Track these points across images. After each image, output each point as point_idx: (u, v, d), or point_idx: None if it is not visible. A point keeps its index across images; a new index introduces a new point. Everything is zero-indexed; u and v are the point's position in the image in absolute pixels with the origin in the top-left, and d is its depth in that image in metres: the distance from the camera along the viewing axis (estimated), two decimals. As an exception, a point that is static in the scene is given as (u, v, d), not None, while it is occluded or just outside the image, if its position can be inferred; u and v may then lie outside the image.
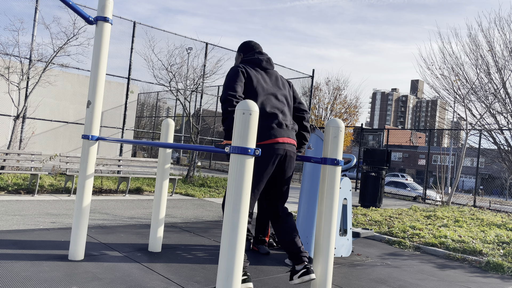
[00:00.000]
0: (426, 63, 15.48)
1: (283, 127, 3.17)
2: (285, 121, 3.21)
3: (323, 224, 2.94)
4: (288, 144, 3.16)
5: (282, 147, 3.12)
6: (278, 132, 3.11)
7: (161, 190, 4.39)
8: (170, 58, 12.43)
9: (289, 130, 3.22)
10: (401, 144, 60.65)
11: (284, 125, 3.17)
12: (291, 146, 3.21)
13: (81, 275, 3.38)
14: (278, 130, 3.12)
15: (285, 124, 3.19)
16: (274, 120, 3.13)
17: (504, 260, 5.20)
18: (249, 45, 3.49)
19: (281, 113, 3.22)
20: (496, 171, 39.56)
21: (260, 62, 3.34)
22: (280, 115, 3.19)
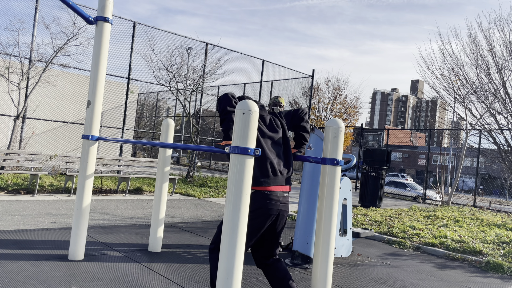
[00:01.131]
0: (426, 63, 15.50)
1: (278, 174, 3.10)
2: (280, 168, 3.14)
3: (323, 224, 2.94)
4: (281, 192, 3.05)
5: (276, 207, 3.00)
6: (272, 180, 3.04)
7: (161, 190, 4.39)
8: (170, 58, 12.44)
9: (283, 177, 3.15)
10: (401, 144, 60.66)
11: (278, 172, 3.11)
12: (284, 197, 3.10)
13: (81, 275, 3.38)
14: (272, 178, 3.05)
15: (279, 170, 3.12)
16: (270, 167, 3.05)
17: (504, 260, 5.20)
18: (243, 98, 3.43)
19: (277, 157, 3.15)
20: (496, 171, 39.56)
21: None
22: (275, 161, 3.11)
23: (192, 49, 14.80)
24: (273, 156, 3.14)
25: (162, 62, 12.40)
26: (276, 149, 3.21)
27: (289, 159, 3.25)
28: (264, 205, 2.96)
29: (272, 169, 3.09)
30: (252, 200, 2.93)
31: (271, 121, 3.30)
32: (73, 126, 17.21)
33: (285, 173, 3.21)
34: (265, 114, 3.36)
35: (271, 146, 3.18)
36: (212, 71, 13.31)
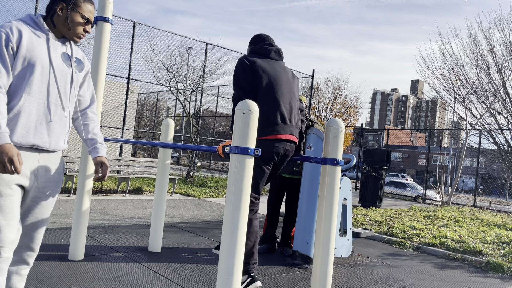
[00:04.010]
0: (426, 63, 15.50)
1: (287, 122, 3.14)
2: (290, 116, 3.18)
3: (323, 224, 2.94)
4: (289, 142, 3.14)
5: (283, 146, 3.09)
6: (281, 128, 3.08)
7: (161, 190, 4.39)
8: (170, 58, 12.44)
9: (292, 127, 3.19)
10: (401, 144, 60.67)
11: (287, 120, 3.14)
12: (292, 144, 3.19)
13: (81, 275, 3.38)
14: (282, 125, 3.09)
15: (288, 119, 3.16)
16: (278, 114, 3.10)
17: (504, 260, 5.20)
18: (260, 37, 3.45)
19: (288, 105, 3.18)
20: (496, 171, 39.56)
21: (268, 53, 3.28)
22: (286, 109, 3.15)
23: (192, 49, 14.81)
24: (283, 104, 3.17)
25: (162, 62, 12.41)
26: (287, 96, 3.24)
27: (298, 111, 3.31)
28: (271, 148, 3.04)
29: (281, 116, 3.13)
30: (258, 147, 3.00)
31: (285, 70, 3.35)
32: (73, 126, 17.18)
33: (294, 122, 3.24)
34: (280, 59, 3.38)
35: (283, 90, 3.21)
36: (212, 71, 13.31)
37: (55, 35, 2.12)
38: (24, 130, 1.95)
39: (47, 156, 2.10)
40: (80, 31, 2.14)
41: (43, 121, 2.02)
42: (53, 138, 2.07)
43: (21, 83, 1.96)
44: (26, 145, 1.98)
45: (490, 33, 13.74)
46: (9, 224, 1.93)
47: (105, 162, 2.22)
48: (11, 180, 1.95)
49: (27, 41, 1.97)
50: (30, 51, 1.97)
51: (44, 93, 2.02)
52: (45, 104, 2.03)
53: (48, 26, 2.10)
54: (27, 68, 1.97)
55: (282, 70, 3.28)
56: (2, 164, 1.79)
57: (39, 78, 2.00)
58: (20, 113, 1.94)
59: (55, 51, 2.09)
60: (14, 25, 1.97)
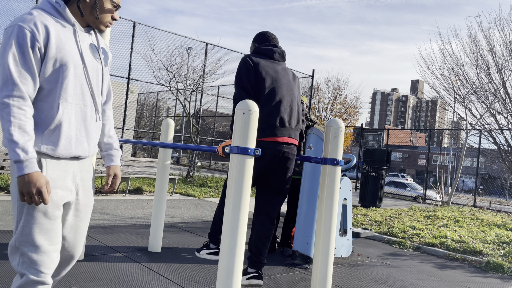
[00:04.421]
0: (426, 63, 15.51)
1: (285, 125, 3.13)
2: (290, 119, 3.17)
3: (323, 224, 2.94)
4: (287, 144, 3.13)
5: (280, 148, 3.08)
6: (279, 131, 3.09)
7: (161, 190, 4.39)
8: (170, 58, 12.44)
9: (291, 129, 3.18)
10: (401, 144, 60.66)
11: (287, 123, 3.14)
12: (291, 147, 3.17)
13: (81, 275, 3.38)
14: (280, 129, 3.09)
15: (288, 122, 3.15)
16: (278, 118, 3.09)
17: (504, 260, 5.20)
18: (265, 36, 3.44)
19: (289, 108, 3.18)
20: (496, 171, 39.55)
21: (272, 54, 3.29)
22: (286, 112, 3.15)
23: (192, 49, 14.80)
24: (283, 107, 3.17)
25: (162, 62, 12.41)
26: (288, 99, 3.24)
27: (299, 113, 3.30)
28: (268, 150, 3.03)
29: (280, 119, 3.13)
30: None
31: (287, 72, 3.35)
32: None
33: (293, 125, 3.24)
34: (283, 62, 3.39)
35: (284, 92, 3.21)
36: (212, 71, 13.31)
37: (80, 25, 1.82)
38: (66, 142, 1.74)
39: (83, 163, 1.89)
40: (108, 19, 1.87)
41: (82, 128, 1.80)
42: (92, 145, 1.86)
43: (54, 89, 1.70)
44: (68, 157, 1.77)
45: (490, 33, 13.75)
46: (55, 249, 1.73)
47: (118, 173, 2.01)
48: (60, 200, 1.74)
49: (55, 38, 1.68)
50: (60, 49, 1.69)
51: (79, 96, 1.78)
52: (82, 108, 1.79)
53: (73, 14, 1.79)
54: (59, 70, 1.70)
55: (284, 72, 3.28)
56: (29, 196, 1.59)
57: (73, 80, 1.74)
58: (61, 123, 1.71)
59: (84, 44, 1.80)
60: (38, 19, 1.65)
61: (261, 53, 3.29)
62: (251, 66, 3.10)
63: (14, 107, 1.58)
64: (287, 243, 4.84)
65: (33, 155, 1.59)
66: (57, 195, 1.72)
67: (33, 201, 1.60)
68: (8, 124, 1.56)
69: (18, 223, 1.68)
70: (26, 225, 1.67)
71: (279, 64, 3.30)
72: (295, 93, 3.30)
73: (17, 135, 1.57)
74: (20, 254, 1.68)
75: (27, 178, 1.58)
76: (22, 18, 1.64)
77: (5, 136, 1.57)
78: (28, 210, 1.67)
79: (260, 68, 3.11)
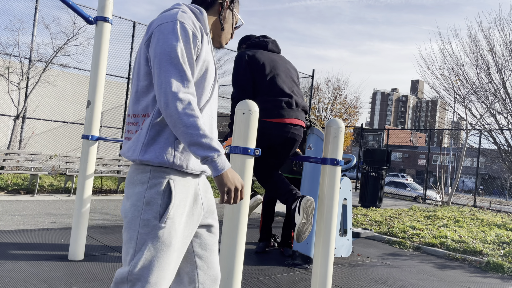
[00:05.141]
0: (426, 63, 15.52)
1: (293, 107, 3.13)
2: (295, 101, 3.17)
3: (323, 224, 2.94)
4: (295, 126, 3.14)
5: (288, 129, 3.08)
6: (286, 112, 3.08)
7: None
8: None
9: (298, 111, 3.18)
10: (401, 144, 60.66)
11: (294, 105, 3.14)
12: (299, 128, 3.17)
13: (81, 275, 3.38)
14: (287, 110, 3.08)
15: (295, 103, 3.15)
16: (284, 99, 3.08)
17: (504, 260, 5.20)
18: (249, 35, 3.50)
19: (291, 92, 3.18)
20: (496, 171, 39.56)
21: (266, 44, 3.29)
22: (290, 94, 3.15)
23: (192, 49, 14.78)
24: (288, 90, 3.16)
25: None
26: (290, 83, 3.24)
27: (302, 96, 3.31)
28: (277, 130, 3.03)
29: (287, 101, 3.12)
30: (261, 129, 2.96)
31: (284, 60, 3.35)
32: (73, 126, 17.21)
33: (300, 107, 3.24)
34: (277, 51, 3.39)
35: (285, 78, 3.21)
36: (212, 71, 13.29)
37: None
38: None
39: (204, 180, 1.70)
40: (229, 36, 1.75)
41: None
42: None
43: (200, 95, 1.56)
44: (196, 173, 1.56)
45: (490, 33, 13.75)
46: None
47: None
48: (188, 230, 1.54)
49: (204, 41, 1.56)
50: (206, 55, 1.56)
51: (210, 106, 1.61)
52: (210, 120, 1.61)
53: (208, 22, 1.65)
54: (203, 76, 1.56)
55: (281, 61, 3.30)
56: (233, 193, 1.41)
57: (209, 88, 1.60)
58: None
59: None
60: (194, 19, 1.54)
61: (254, 46, 3.30)
62: (246, 60, 3.10)
63: (194, 104, 1.42)
64: (287, 243, 4.84)
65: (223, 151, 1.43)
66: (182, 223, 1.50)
67: (235, 198, 1.43)
68: (195, 119, 1.39)
69: (135, 253, 1.43)
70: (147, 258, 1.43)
71: (274, 54, 3.32)
72: (295, 80, 3.31)
73: (207, 131, 1.41)
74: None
75: (230, 174, 1.41)
76: (179, 14, 1.50)
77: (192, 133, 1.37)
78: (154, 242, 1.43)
79: (257, 58, 3.11)
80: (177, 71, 1.42)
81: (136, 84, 1.53)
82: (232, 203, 1.42)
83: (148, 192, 1.44)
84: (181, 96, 1.39)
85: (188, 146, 1.38)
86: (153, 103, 1.49)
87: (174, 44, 1.43)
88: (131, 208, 1.45)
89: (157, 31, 1.46)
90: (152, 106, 1.49)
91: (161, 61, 1.42)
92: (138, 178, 1.46)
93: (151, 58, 1.46)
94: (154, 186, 1.44)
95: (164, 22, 1.47)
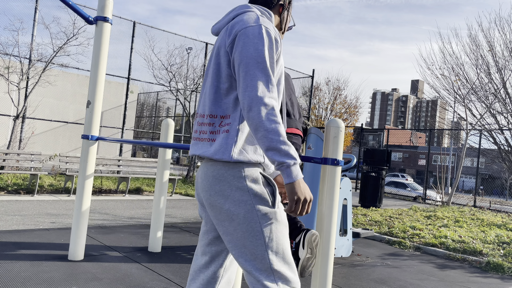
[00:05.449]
0: (426, 63, 15.50)
1: (291, 116, 3.17)
2: (293, 111, 3.21)
3: (323, 224, 2.94)
4: (296, 135, 3.18)
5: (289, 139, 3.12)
6: (286, 122, 3.12)
7: (161, 190, 4.39)
8: (170, 58, 12.44)
9: (296, 121, 3.23)
10: (401, 144, 60.66)
11: (291, 115, 3.18)
12: (298, 138, 3.21)
13: (81, 275, 3.38)
14: (287, 120, 3.12)
15: (292, 113, 3.20)
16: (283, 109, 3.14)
17: (504, 260, 5.20)
18: None
19: (289, 100, 3.22)
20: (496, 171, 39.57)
21: None
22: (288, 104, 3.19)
23: (192, 49, 14.80)
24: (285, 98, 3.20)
25: (162, 62, 12.41)
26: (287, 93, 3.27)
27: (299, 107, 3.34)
28: None
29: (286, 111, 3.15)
30: None
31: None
32: (73, 126, 17.21)
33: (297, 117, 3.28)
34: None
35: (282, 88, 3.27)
36: (212, 71, 13.29)
37: None
38: None
39: None
40: (282, 36, 1.77)
41: None
42: None
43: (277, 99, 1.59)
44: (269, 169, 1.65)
45: (491, 33, 13.74)
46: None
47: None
48: None
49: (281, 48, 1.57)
50: (282, 62, 1.59)
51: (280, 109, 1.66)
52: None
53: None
54: (279, 80, 1.60)
55: None
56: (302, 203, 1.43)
57: (282, 91, 1.63)
58: None
59: None
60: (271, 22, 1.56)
61: None
62: None
63: (277, 109, 1.45)
64: None
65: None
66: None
67: (302, 209, 1.44)
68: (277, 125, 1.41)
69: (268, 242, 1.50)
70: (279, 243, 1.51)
71: None
72: (292, 87, 3.35)
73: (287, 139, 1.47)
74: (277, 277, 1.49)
75: (301, 184, 1.43)
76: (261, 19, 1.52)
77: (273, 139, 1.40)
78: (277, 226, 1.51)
79: None
80: (263, 75, 1.44)
81: (216, 85, 1.55)
82: (298, 214, 1.44)
83: (251, 186, 1.49)
84: (266, 101, 1.41)
85: (266, 150, 1.42)
86: (234, 105, 1.52)
87: (261, 49, 1.46)
88: (240, 204, 1.49)
89: (242, 34, 1.48)
90: (232, 108, 1.52)
91: (248, 65, 1.44)
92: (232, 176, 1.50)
93: (235, 61, 1.48)
94: (254, 180, 1.50)
95: (248, 26, 1.49)
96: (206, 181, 1.55)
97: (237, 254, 1.51)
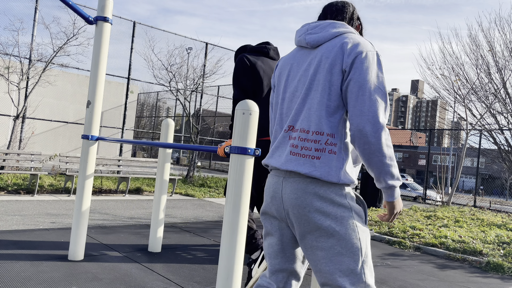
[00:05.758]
0: (426, 63, 15.49)
1: None
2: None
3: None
4: None
5: None
6: None
7: (161, 190, 4.39)
8: (170, 58, 12.44)
9: None
10: (401, 144, 60.65)
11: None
12: None
13: (81, 275, 3.38)
14: None
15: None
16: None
17: (504, 260, 5.20)
18: (246, 46, 3.48)
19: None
20: (496, 171, 39.56)
21: (267, 51, 3.27)
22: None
23: (192, 49, 14.80)
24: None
25: (162, 62, 12.41)
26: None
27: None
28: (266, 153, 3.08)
29: None
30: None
31: None
32: (73, 126, 17.21)
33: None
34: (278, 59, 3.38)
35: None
36: (212, 71, 13.31)
37: None
38: None
39: None
40: None
41: None
42: None
43: None
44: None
45: (491, 33, 13.74)
46: None
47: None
48: None
49: None
50: None
51: None
52: None
53: None
54: None
55: None
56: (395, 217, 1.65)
57: None
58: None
59: None
60: None
61: (256, 51, 3.28)
62: (247, 66, 3.09)
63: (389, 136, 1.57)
64: None
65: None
66: None
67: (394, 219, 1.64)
68: (392, 150, 1.55)
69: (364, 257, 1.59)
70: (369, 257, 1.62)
71: (274, 62, 3.30)
72: None
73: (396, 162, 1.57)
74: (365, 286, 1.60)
75: (399, 201, 1.64)
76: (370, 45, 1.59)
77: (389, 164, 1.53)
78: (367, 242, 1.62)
79: (258, 68, 3.10)
80: (384, 102, 1.52)
81: (326, 103, 1.57)
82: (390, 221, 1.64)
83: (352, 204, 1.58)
84: (386, 128, 1.51)
85: (379, 173, 1.52)
86: (339, 124, 1.57)
87: (382, 76, 1.53)
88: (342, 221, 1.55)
89: (363, 58, 1.52)
90: (338, 127, 1.57)
91: (371, 89, 1.50)
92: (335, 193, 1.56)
93: (355, 83, 1.51)
94: (352, 198, 1.60)
95: (368, 51, 1.54)
96: (303, 197, 1.57)
97: (331, 269, 1.55)
